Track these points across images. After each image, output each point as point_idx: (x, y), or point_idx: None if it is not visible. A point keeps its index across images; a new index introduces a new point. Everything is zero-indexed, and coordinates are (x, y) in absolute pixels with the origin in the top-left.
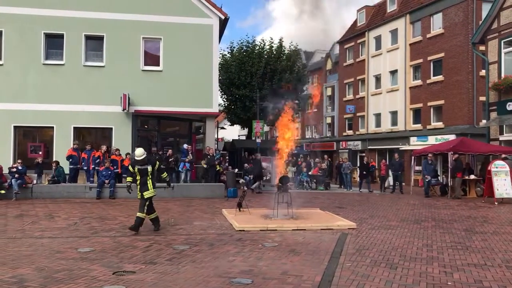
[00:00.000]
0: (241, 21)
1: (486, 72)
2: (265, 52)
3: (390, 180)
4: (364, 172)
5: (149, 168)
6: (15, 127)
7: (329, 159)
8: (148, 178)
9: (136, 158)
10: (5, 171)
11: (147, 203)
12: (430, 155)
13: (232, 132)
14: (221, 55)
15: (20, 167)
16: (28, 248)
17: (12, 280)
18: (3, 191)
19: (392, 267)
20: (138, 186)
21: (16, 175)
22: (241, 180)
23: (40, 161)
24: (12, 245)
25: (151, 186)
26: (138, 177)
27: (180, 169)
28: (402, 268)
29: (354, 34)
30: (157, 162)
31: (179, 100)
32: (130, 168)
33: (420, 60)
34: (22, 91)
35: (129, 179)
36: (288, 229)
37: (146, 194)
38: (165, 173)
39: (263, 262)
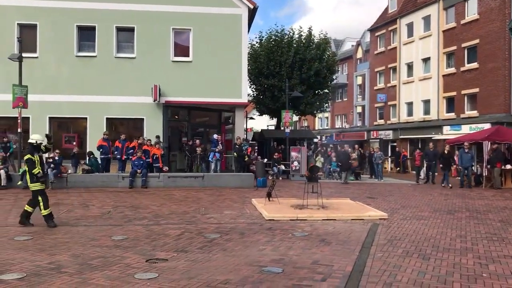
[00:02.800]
0: (277, 11)
1: None
2: (294, 41)
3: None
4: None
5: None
6: (50, 118)
7: (360, 149)
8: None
9: (31, 142)
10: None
11: (37, 194)
12: (466, 144)
13: (261, 122)
14: (250, 45)
15: (57, 158)
16: (64, 235)
17: (50, 266)
18: None
19: (425, 258)
20: (29, 177)
21: (52, 165)
22: (270, 170)
23: (75, 151)
24: (49, 233)
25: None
26: (39, 166)
27: (210, 159)
28: (435, 259)
29: (386, 22)
30: (43, 148)
31: (209, 91)
32: (31, 156)
33: (454, 47)
34: (56, 83)
35: (37, 169)
36: (318, 219)
37: (32, 187)
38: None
39: (293, 252)
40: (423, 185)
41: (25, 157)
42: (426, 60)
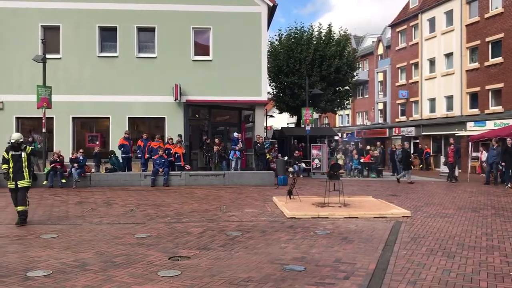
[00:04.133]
0: (300, 9)
1: None
2: (314, 38)
3: (445, 167)
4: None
5: (24, 154)
6: (73, 118)
7: (382, 146)
8: (23, 165)
9: (12, 141)
10: (66, 160)
11: (21, 192)
12: (494, 140)
13: (281, 120)
14: (269, 43)
15: (81, 157)
16: (88, 233)
17: (75, 264)
18: (64, 180)
19: (450, 256)
20: (11, 175)
21: (75, 164)
22: (290, 168)
23: (97, 151)
24: (74, 231)
25: (27, 175)
26: (11, 164)
27: (230, 157)
28: (460, 257)
29: (407, 17)
30: (28, 147)
31: (229, 89)
32: (4, 154)
33: (477, 42)
34: (79, 83)
35: (4, 166)
36: (340, 217)
37: (21, 184)
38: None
39: (315, 250)
40: (446, 183)
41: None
42: (448, 56)
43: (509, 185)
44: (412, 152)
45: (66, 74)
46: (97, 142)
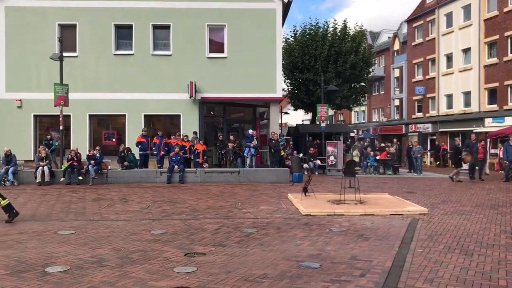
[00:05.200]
0: (319, 4)
1: None
2: (329, 34)
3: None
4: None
5: None
6: (90, 115)
7: (398, 142)
8: None
9: None
10: (83, 157)
11: None
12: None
13: (296, 117)
14: (284, 39)
15: (98, 155)
16: (105, 229)
17: (92, 260)
18: (81, 177)
19: (468, 254)
20: None
21: (92, 161)
22: (305, 165)
23: (121, 149)
24: (91, 227)
25: None
26: None
27: (245, 154)
28: (479, 255)
29: (423, 12)
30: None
31: (244, 86)
32: None
33: (496, 37)
34: (95, 81)
35: None
36: (355, 214)
37: None
38: None
39: (331, 247)
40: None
41: None
42: (466, 51)
43: None
44: (429, 148)
45: (83, 72)
46: (114, 140)
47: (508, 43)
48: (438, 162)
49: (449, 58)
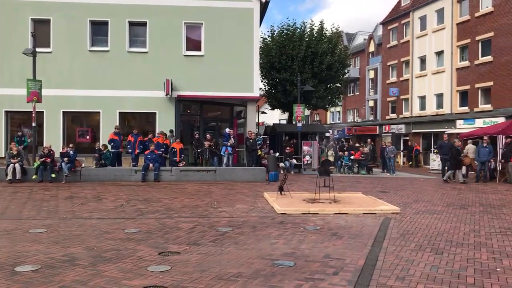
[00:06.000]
0: (298, 5)
1: None
2: (306, 35)
3: (434, 164)
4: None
5: None
6: (63, 112)
7: (372, 143)
8: None
9: None
10: (56, 155)
11: None
12: (485, 137)
13: (273, 116)
14: (261, 39)
15: (71, 152)
16: (78, 228)
17: (64, 259)
18: (54, 175)
19: (438, 252)
20: None
21: (66, 159)
22: (281, 164)
23: (99, 146)
24: (63, 225)
25: None
26: None
27: (222, 153)
28: (448, 253)
29: (398, 15)
30: None
31: (221, 85)
32: None
33: (468, 40)
34: (70, 78)
35: None
36: (330, 212)
37: None
38: None
39: (305, 245)
40: (435, 179)
41: None
42: (439, 54)
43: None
44: (402, 149)
45: (57, 68)
46: (88, 137)
47: (479, 47)
48: (410, 162)
49: (422, 60)
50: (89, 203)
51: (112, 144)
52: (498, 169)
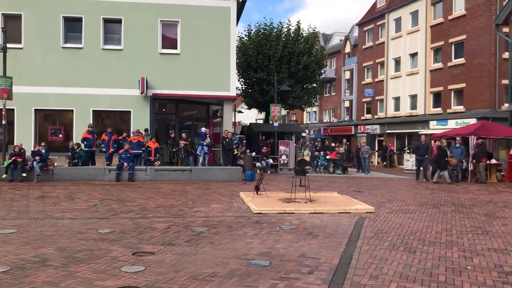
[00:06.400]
0: (277, 5)
1: (510, 55)
2: (283, 34)
3: (408, 164)
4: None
5: None
6: (35, 110)
7: (348, 143)
8: None
9: None
10: (28, 153)
11: None
12: (458, 138)
13: (249, 116)
14: (238, 38)
15: (43, 151)
16: (49, 228)
17: (35, 259)
18: (25, 174)
19: (411, 251)
20: None
21: (37, 158)
22: (258, 164)
23: (73, 145)
24: (34, 226)
25: None
26: None
27: (198, 152)
28: (421, 252)
29: (374, 16)
30: None
31: (197, 84)
32: None
33: (441, 43)
34: (42, 75)
35: None
36: (305, 212)
37: None
38: None
39: (281, 245)
40: (409, 179)
41: None
42: (413, 55)
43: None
44: (376, 149)
45: (28, 65)
46: (60, 135)
47: (452, 49)
48: (385, 162)
49: (397, 62)
50: (62, 202)
51: (85, 143)
52: (469, 169)
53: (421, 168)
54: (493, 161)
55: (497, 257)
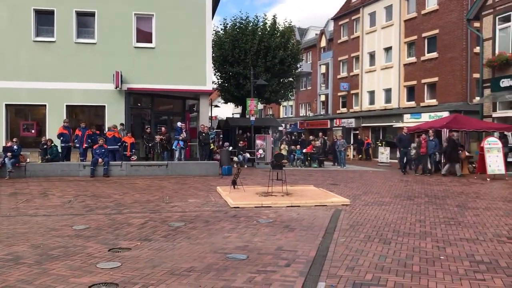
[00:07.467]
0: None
1: (481, 49)
2: (259, 29)
3: (383, 157)
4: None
5: None
6: (6, 105)
7: (324, 136)
8: None
9: None
10: None
11: None
12: (431, 131)
13: (226, 110)
14: (214, 32)
15: (15, 147)
16: (23, 225)
17: (8, 257)
18: None
19: (386, 242)
20: None
21: (9, 154)
22: (235, 158)
23: (44, 141)
24: (7, 223)
25: None
26: None
27: (174, 147)
28: (396, 243)
29: (349, 11)
30: None
31: (172, 78)
32: None
33: (415, 37)
34: (13, 69)
35: None
36: (282, 205)
37: None
38: None
39: (258, 238)
40: (385, 172)
41: None
42: (387, 50)
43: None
44: (352, 142)
45: None
46: (33, 131)
47: (425, 43)
48: (360, 156)
49: (372, 56)
50: (35, 199)
51: (62, 138)
52: (442, 161)
53: (405, 159)
54: (465, 153)
55: (468, 246)
